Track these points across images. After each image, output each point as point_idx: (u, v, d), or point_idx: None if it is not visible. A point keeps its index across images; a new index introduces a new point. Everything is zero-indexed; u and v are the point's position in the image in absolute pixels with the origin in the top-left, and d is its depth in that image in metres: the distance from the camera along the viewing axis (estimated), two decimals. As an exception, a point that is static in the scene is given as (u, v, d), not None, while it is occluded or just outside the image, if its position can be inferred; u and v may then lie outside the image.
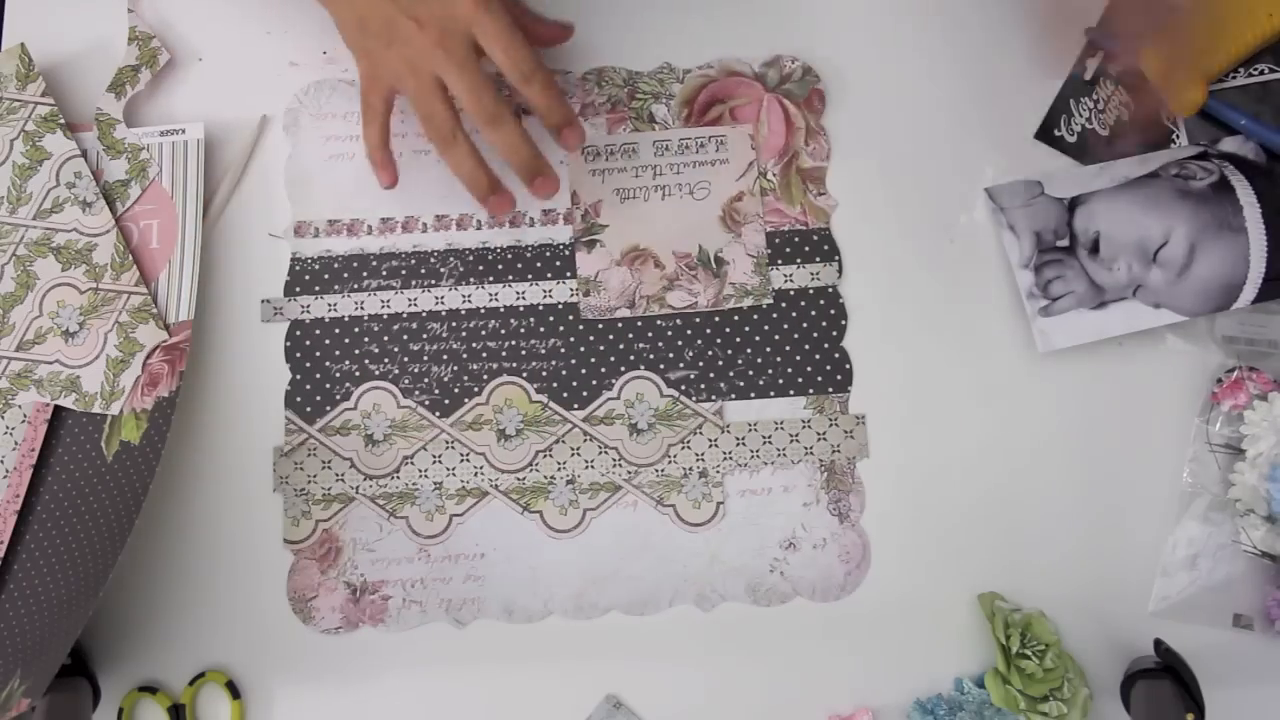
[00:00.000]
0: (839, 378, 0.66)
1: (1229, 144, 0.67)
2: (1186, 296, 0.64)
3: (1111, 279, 0.65)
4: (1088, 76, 0.69)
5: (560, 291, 0.67)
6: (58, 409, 0.64)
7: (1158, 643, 0.61)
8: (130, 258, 0.65)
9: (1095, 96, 0.69)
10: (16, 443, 0.64)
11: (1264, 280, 0.63)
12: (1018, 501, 0.64)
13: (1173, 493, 0.64)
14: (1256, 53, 0.67)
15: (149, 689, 0.63)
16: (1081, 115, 0.68)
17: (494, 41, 0.59)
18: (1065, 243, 0.66)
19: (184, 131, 0.67)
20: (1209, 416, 0.64)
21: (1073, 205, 0.66)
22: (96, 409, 0.64)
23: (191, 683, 0.63)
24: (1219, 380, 0.64)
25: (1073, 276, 0.65)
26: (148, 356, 0.64)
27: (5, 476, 0.63)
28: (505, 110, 0.60)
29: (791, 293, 0.67)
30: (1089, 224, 0.65)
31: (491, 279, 0.67)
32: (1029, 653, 0.60)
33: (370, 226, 0.68)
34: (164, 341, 0.64)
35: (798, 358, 0.66)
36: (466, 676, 0.63)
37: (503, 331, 0.66)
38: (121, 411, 0.63)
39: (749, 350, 0.66)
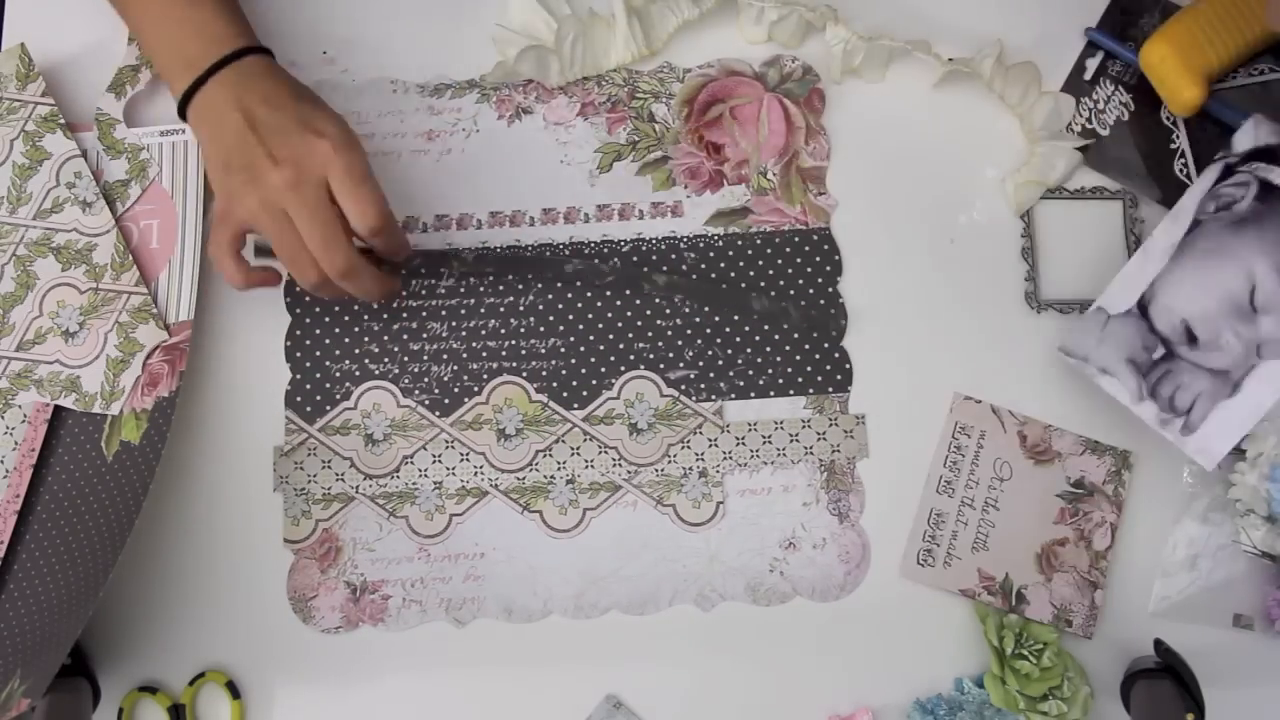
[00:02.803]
0: (839, 378, 0.66)
1: (1242, 140, 0.62)
2: None
3: (1227, 356, 0.59)
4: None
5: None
6: (58, 409, 0.64)
7: (1158, 643, 0.61)
8: (130, 258, 0.65)
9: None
10: (16, 443, 0.64)
11: None
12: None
13: (1173, 493, 0.64)
14: (1257, 53, 0.67)
15: (149, 689, 0.63)
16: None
17: (344, 191, 0.57)
18: (1162, 351, 0.60)
19: (184, 131, 0.67)
20: (1209, 416, 0.64)
21: (1143, 309, 0.60)
22: (96, 409, 0.64)
23: (191, 683, 0.63)
24: (1219, 380, 0.64)
25: (1190, 378, 0.59)
26: (148, 356, 0.64)
27: (5, 476, 0.63)
28: (355, 261, 0.59)
29: (792, 292, 0.67)
30: (1170, 317, 0.59)
31: (492, 278, 0.67)
32: (1025, 653, 0.60)
33: (370, 226, 0.68)
34: (164, 341, 0.64)
35: (798, 358, 0.66)
36: (466, 676, 0.63)
37: (503, 331, 0.66)
38: (121, 411, 0.63)
39: (749, 350, 0.66)
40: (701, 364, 0.66)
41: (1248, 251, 0.59)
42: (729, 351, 0.66)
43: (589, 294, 0.67)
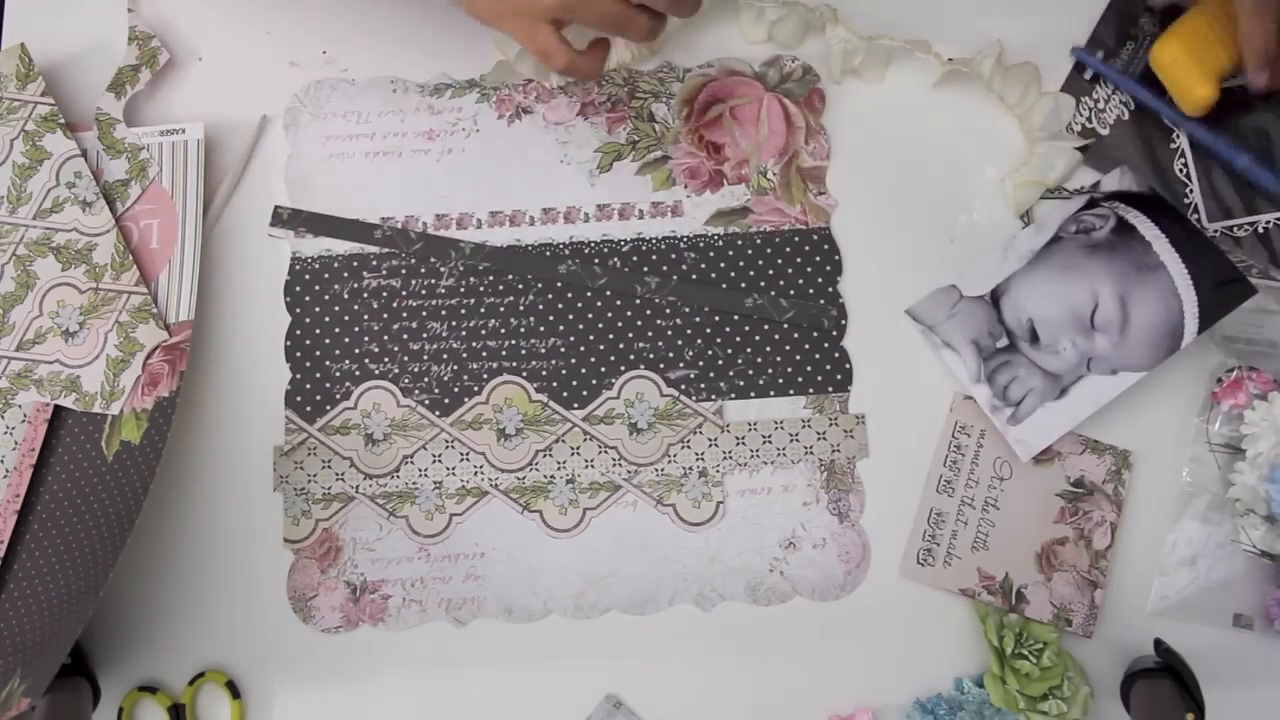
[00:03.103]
0: (839, 377, 0.66)
1: (1110, 181, 0.66)
2: (1137, 352, 0.63)
3: (1061, 362, 0.63)
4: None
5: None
6: (58, 409, 0.64)
7: (1158, 643, 0.61)
8: (130, 258, 0.65)
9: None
10: (16, 443, 0.64)
11: (1199, 307, 0.63)
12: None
13: (1172, 492, 0.64)
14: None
15: (149, 689, 0.63)
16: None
17: None
18: (1005, 341, 0.64)
19: (184, 131, 0.67)
20: (1209, 416, 0.64)
21: (995, 299, 0.65)
22: (96, 409, 0.64)
23: (191, 683, 0.63)
24: (1219, 380, 0.64)
25: (1026, 374, 0.63)
26: (148, 356, 0.64)
27: (5, 476, 0.63)
28: None
29: (792, 292, 0.67)
30: (1019, 313, 0.64)
31: (491, 278, 0.67)
32: (1025, 653, 0.60)
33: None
34: (164, 341, 0.64)
35: (798, 357, 0.66)
36: (466, 676, 0.63)
37: (503, 331, 0.66)
38: (122, 411, 0.63)
39: (749, 350, 0.66)
40: (701, 364, 0.66)
41: (1096, 275, 0.64)
42: (729, 351, 0.66)
43: (589, 294, 0.67)
